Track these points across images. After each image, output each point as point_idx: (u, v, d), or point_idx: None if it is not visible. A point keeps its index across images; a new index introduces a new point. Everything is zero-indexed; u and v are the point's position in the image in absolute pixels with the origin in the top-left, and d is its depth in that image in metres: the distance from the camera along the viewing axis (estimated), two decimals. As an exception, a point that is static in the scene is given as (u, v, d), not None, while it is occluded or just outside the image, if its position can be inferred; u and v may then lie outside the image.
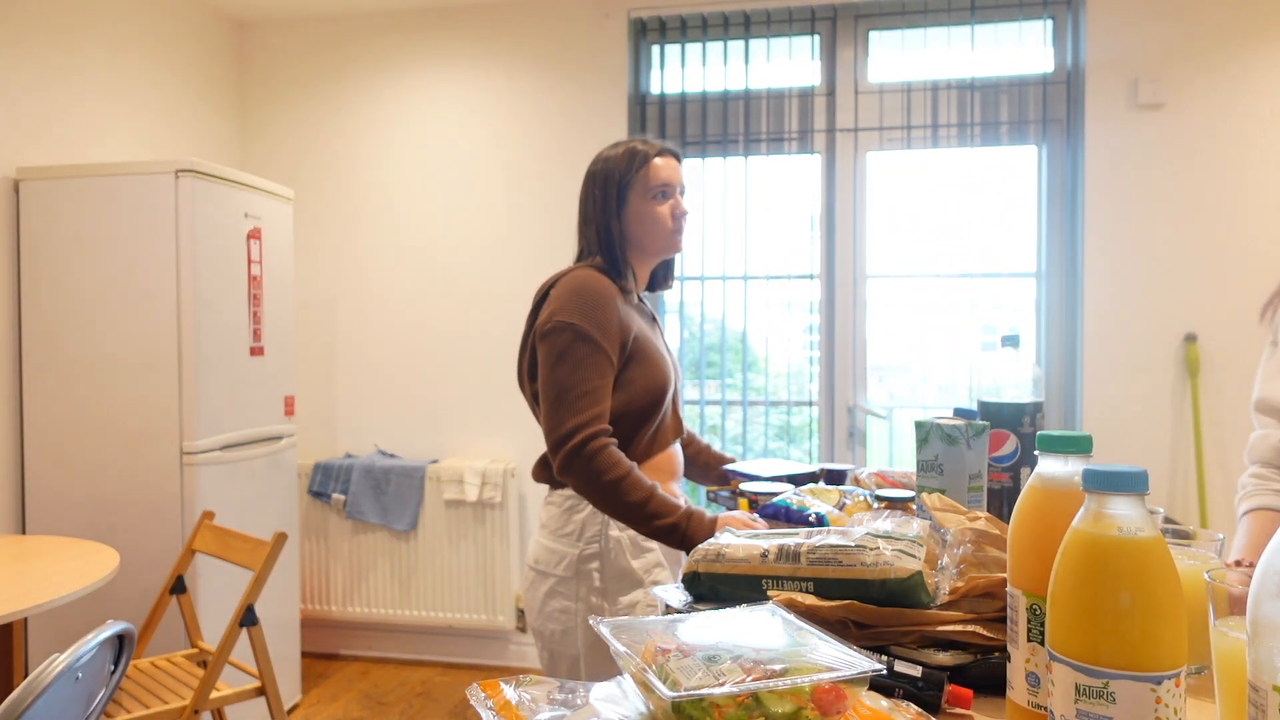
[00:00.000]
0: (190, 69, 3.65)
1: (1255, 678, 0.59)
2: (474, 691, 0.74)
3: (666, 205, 1.74)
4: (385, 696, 3.41)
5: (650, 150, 1.75)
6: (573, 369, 1.58)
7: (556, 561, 1.68)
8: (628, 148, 1.76)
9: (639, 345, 1.67)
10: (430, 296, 3.81)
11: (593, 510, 1.65)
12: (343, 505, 3.68)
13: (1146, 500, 0.64)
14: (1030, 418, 1.40)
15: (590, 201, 1.77)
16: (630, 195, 1.73)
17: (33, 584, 2.05)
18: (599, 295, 1.63)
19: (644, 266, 1.80)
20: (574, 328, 1.60)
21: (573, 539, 1.67)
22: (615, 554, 1.65)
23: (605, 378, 1.61)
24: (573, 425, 1.56)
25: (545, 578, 1.69)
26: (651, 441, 1.71)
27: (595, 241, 1.74)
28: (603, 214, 1.73)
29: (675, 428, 1.79)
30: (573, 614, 1.66)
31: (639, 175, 1.73)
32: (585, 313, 1.60)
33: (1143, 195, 3.22)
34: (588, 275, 1.66)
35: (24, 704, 1.41)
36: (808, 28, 3.50)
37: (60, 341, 2.84)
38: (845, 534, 1.02)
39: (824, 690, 0.68)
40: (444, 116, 3.78)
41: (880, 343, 3.54)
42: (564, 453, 1.57)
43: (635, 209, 1.73)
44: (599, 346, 1.60)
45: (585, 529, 1.66)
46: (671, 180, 1.74)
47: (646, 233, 1.74)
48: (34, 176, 2.85)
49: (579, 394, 1.58)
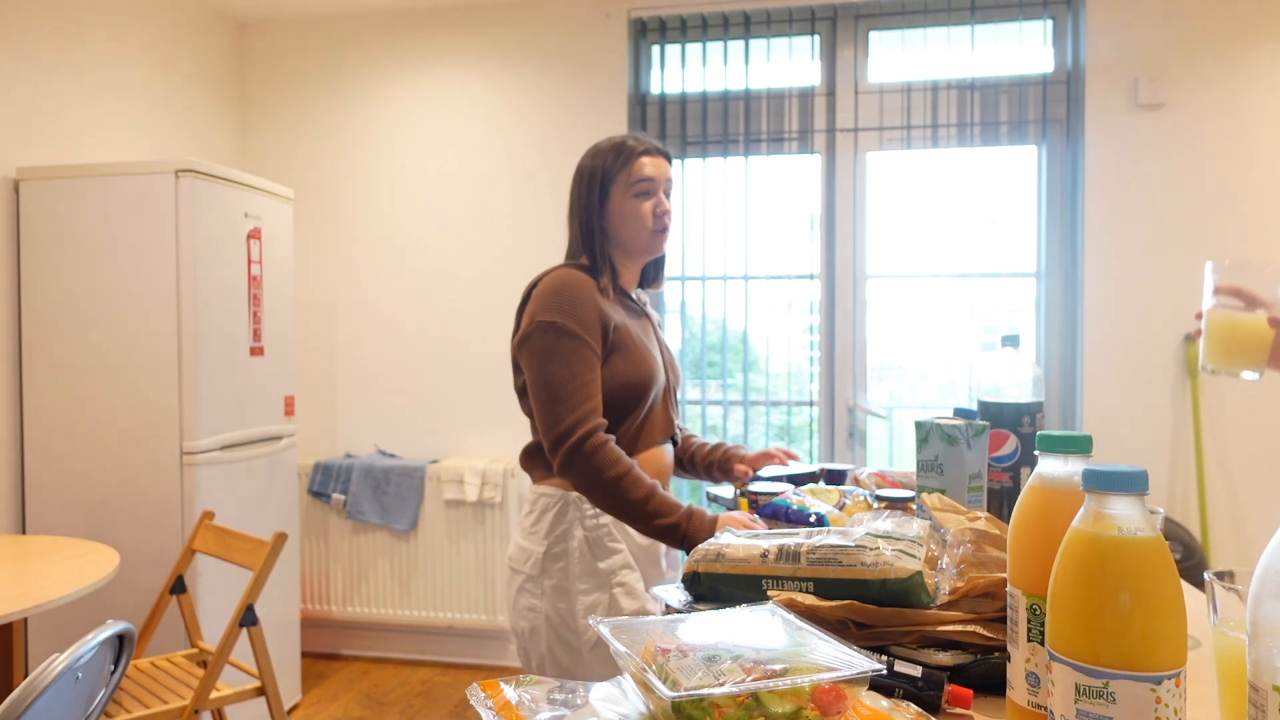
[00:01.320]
0: (190, 68, 3.65)
1: (1255, 678, 0.59)
2: (474, 691, 0.74)
3: (648, 203, 1.72)
4: (385, 696, 3.41)
5: (638, 147, 1.73)
6: (560, 365, 1.58)
7: (525, 559, 1.68)
8: (616, 143, 1.74)
9: (620, 336, 1.66)
10: (430, 297, 3.81)
11: (561, 509, 1.65)
12: (343, 505, 3.68)
13: (1146, 500, 0.64)
14: (1030, 418, 1.40)
15: (576, 195, 1.76)
16: (612, 190, 1.72)
17: (33, 584, 2.05)
18: (575, 291, 1.63)
19: (628, 265, 1.78)
20: (555, 325, 1.59)
21: (539, 537, 1.67)
22: (580, 553, 1.64)
23: (594, 370, 1.60)
24: (570, 422, 1.56)
25: (516, 575, 1.70)
26: (634, 438, 1.69)
27: (579, 236, 1.74)
28: (585, 209, 1.73)
29: (665, 427, 1.77)
30: (538, 612, 1.65)
31: (622, 172, 1.71)
32: (564, 309, 1.60)
33: (1143, 195, 3.22)
34: (565, 274, 1.66)
35: (24, 704, 1.41)
36: (808, 28, 3.50)
37: (60, 341, 2.84)
38: (845, 534, 1.02)
39: (824, 690, 0.68)
40: (444, 116, 3.78)
41: (880, 343, 3.54)
42: (564, 450, 1.56)
43: (616, 205, 1.72)
44: (582, 340, 1.59)
45: (553, 527, 1.65)
46: (654, 178, 1.72)
47: (627, 230, 1.72)
48: (34, 176, 2.85)
49: (571, 389, 1.57)
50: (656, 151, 1.75)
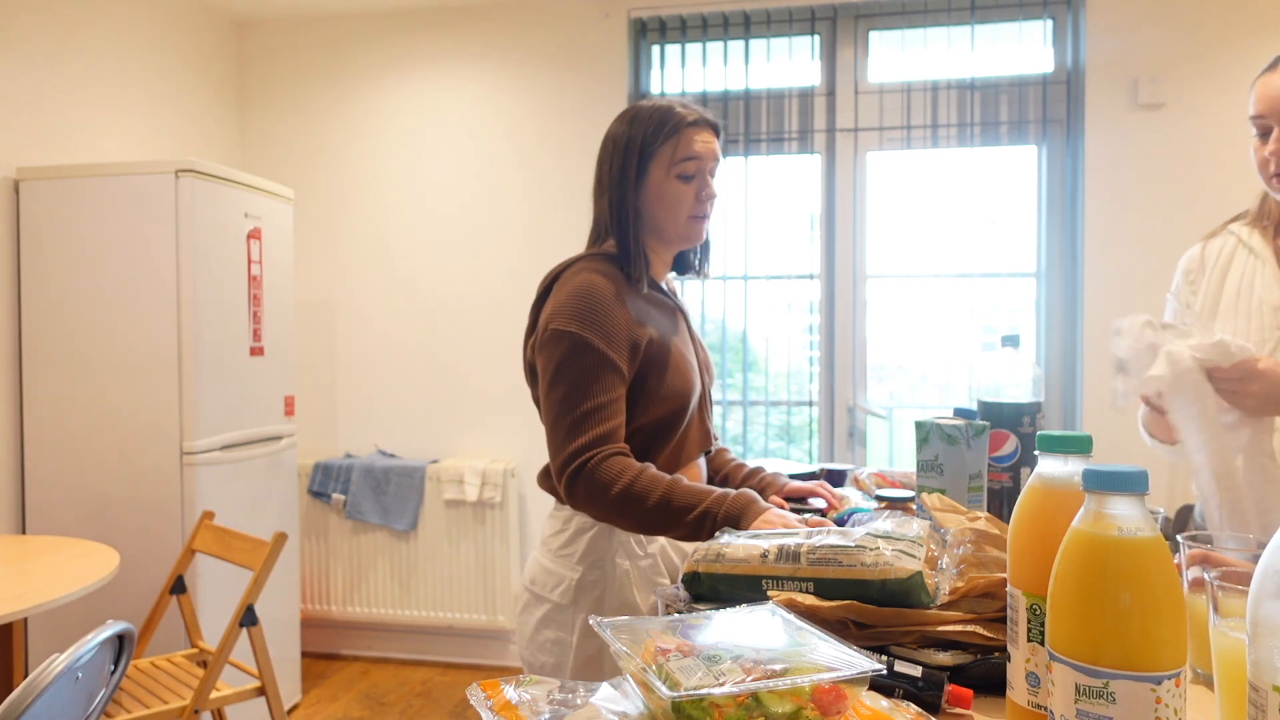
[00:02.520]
0: (190, 69, 3.65)
1: (1255, 678, 0.59)
2: (474, 691, 0.74)
3: (691, 186, 1.49)
4: (385, 696, 3.41)
5: (687, 116, 1.48)
6: (573, 384, 1.37)
7: (553, 585, 1.45)
8: (661, 109, 1.49)
9: (656, 349, 1.45)
10: (430, 296, 3.81)
11: (602, 532, 1.44)
12: (343, 505, 3.68)
13: (1146, 500, 0.64)
14: (1030, 418, 1.40)
15: (607, 167, 1.52)
16: (652, 167, 1.48)
17: (33, 584, 2.05)
18: (602, 295, 1.41)
19: (660, 254, 1.56)
20: (572, 336, 1.38)
21: (572, 561, 1.45)
22: (621, 584, 1.42)
23: (613, 391, 1.39)
24: (575, 448, 1.36)
25: (540, 602, 1.47)
26: (672, 458, 1.49)
27: (608, 216, 1.51)
28: (619, 186, 1.49)
29: (701, 440, 1.55)
30: (566, 647, 1.42)
31: (665, 144, 1.47)
32: (586, 317, 1.39)
33: (1143, 195, 3.22)
34: (589, 276, 1.43)
35: (24, 704, 1.41)
36: (808, 28, 3.50)
37: (60, 341, 2.84)
38: (845, 534, 1.02)
39: (824, 690, 0.68)
40: (444, 116, 3.78)
41: (880, 343, 3.54)
42: (566, 478, 1.37)
43: (655, 184, 1.48)
44: (603, 357, 1.38)
45: (590, 551, 1.43)
46: (703, 156, 1.48)
47: (665, 214, 1.49)
48: (34, 176, 2.85)
49: (583, 413, 1.36)
50: (706, 124, 1.51)
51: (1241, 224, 1.63)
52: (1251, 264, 1.55)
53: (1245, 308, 1.51)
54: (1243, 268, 1.56)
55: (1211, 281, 1.60)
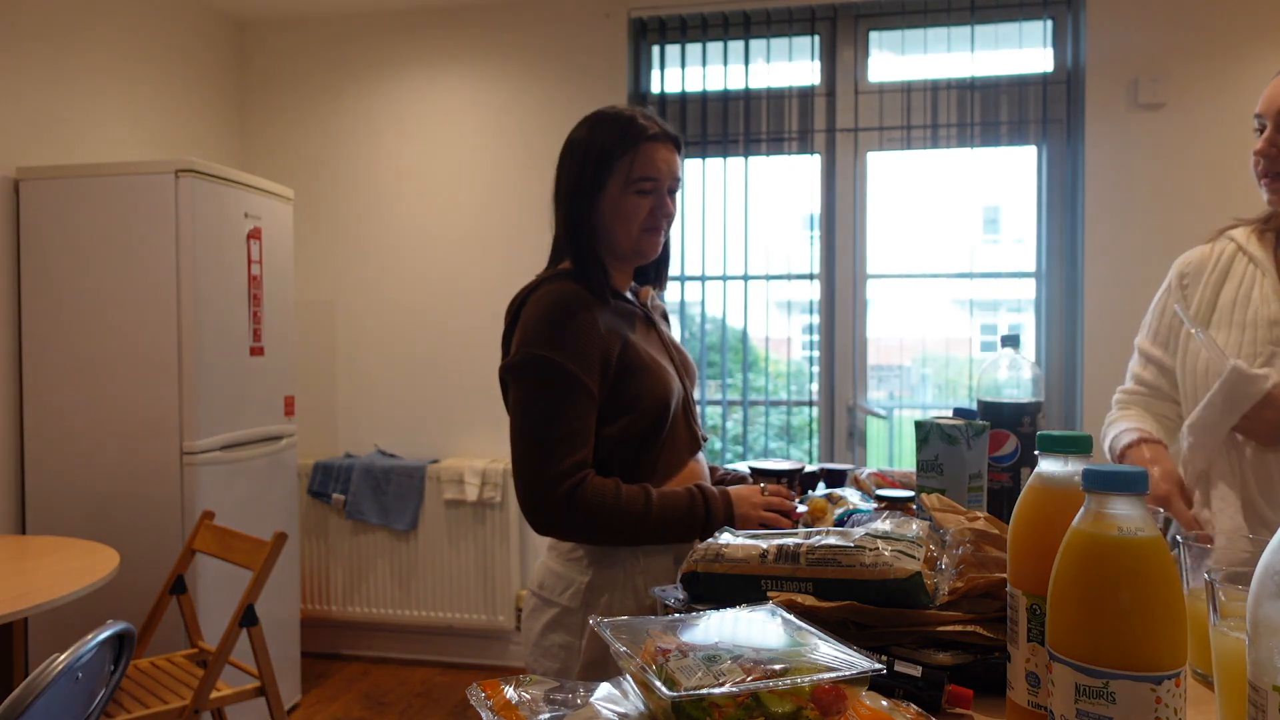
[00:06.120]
0: (190, 69, 3.65)
1: (1255, 678, 0.59)
2: (474, 691, 0.74)
3: (647, 200, 1.45)
4: (385, 696, 3.41)
5: (648, 129, 1.44)
6: (543, 411, 1.36)
7: (562, 589, 1.43)
8: (623, 118, 1.44)
9: (630, 357, 1.42)
10: (430, 296, 3.81)
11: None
12: (343, 505, 3.68)
13: (1146, 500, 0.64)
14: (1030, 418, 1.40)
15: (565, 173, 1.48)
16: (609, 181, 1.43)
17: (33, 584, 2.05)
18: (570, 315, 1.38)
19: (617, 267, 1.52)
20: (540, 360, 1.36)
21: (582, 564, 1.42)
22: (634, 587, 1.40)
23: (585, 417, 1.37)
24: (550, 477, 1.34)
25: (548, 606, 1.44)
26: (665, 464, 1.47)
27: (563, 228, 1.48)
28: (574, 198, 1.45)
29: (690, 442, 1.53)
30: (574, 652, 1.39)
31: (624, 158, 1.42)
32: (556, 340, 1.36)
33: (1143, 195, 3.22)
34: (556, 295, 1.41)
35: (24, 704, 1.41)
36: (808, 28, 3.50)
37: (60, 341, 2.84)
38: (844, 534, 1.02)
39: (824, 690, 0.68)
40: (444, 116, 3.78)
41: (880, 343, 3.54)
42: (544, 511, 1.35)
43: (611, 197, 1.44)
44: (574, 381, 1.36)
45: (601, 554, 1.41)
46: (661, 174, 1.44)
47: (619, 228, 1.45)
48: (34, 176, 2.85)
49: (555, 441, 1.35)
50: (667, 138, 1.46)
51: (1243, 229, 1.59)
52: (1251, 273, 1.52)
53: (1241, 318, 1.48)
54: (1241, 276, 1.53)
55: (1207, 288, 1.57)
